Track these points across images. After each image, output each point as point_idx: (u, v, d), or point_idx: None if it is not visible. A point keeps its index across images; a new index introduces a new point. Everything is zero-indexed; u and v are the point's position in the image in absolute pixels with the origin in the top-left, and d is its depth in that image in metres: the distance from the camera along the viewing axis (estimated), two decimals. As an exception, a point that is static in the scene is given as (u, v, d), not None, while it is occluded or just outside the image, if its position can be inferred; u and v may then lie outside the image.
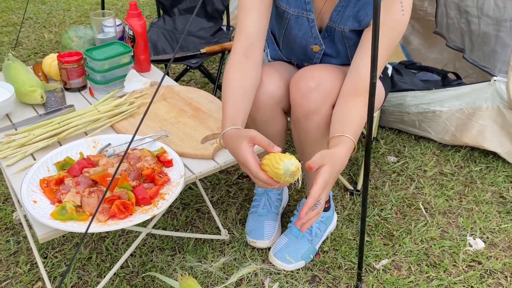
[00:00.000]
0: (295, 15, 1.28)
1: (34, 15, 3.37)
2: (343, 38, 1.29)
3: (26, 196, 0.97)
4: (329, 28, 1.29)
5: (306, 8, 1.27)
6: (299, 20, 1.29)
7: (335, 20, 1.25)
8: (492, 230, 1.60)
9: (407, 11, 1.17)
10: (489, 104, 1.84)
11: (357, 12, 1.22)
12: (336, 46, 1.32)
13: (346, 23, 1.24)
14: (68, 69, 1.42)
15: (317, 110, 1.24)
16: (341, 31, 1.27)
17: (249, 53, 1.23)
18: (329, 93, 1.24)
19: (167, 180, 1.06)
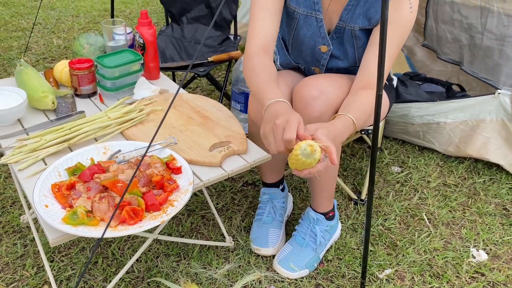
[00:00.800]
0: (304, 14, 1.32)
1: (43, 21, 3.42)
2: (352, 38, 1.32)
3: (38, 201, 0.99)
4: (338, 28, 1.31)
5: (315, 8, 1.30)
6: (307, 19, 1.33)
7: (345, 19, 1.29)
8: (495, 242, 1.61)
9: (414, 8, 1.21)
10: (493, 116, 1.86)
11: (367, 10, 1.25)
12: (345, 47, 1.35)
13: (357, 21, 1.27)
14: (79, 75, 1.45)
15: (320, 118, 1.26)
16: (351, 30, 1.29)
17: (266, 50, 1.29)
18: (332, 102, 1.26)
19: (176, 187, 1.08)
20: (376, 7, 1.24)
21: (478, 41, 1.87)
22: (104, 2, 3.87)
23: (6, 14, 3.49)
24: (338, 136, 1.10)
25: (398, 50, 1.25)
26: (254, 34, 1.29)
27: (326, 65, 1.40)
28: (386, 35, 0.99)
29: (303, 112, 1.27)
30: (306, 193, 1.82)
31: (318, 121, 1.26)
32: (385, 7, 0.92)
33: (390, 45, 1.21)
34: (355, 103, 1.21)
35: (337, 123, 1.12)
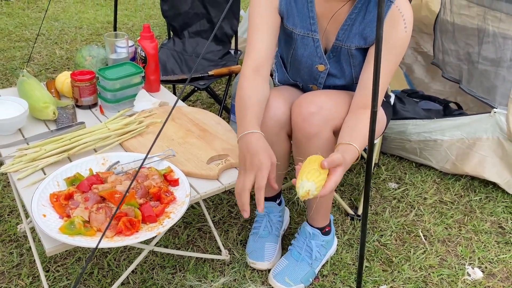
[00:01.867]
0: (301, 35, 1.34)
1: (47, 32, 3.46)
2: (348, 57, 1.34)
3: (36, 210, 1.00)
4: (335, 47, 1.34)
5: (311, 29, 1.33)
6: (304, 40, 1.35)
7: (341, 39, 1.31)
8: (491, 260, 1.61)
9: (409, 28, 1.23)
10: (489, 135, 1.88)
11: (363, 30, 1.27)
12: (342, 65, 1.37)
13: (353, 40, 1.30)
14: (80, 87, 1.47)
15: (318, 133, 1.28)
16: (347, 49, 1.32)
17: (259, 70, 1.30)
18: (330, 117, 1.28)
19: (173, 199, 1.09)
20: (372, 26, 1.26)
21: (475, 63, 1.91)
22: (107, 14, 3.92)
23: (10, 24, 3.54)
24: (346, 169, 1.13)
25: (394, 69, 1.27)
26: (249, 55, 1.32)
27: (323, 83, 1.42)
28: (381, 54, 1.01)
29: (301, 127, 1.29)
30: (303, 207, 1.83)
31: (315, 137, 1.28)
32: (380, 26, 0.94)
33: (386, 65, 1.24)
34: (357, 126, 1.22)
35: (347, 158, 1.12)
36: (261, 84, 1.29)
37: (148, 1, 4.39)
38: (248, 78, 1.28)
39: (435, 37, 2.05)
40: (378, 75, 0.98)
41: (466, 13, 1.94)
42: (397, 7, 1.21)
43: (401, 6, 1.21)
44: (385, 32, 1.22)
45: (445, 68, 2.00)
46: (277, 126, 1.36)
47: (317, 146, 1.30)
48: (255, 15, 1.31)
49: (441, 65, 2.02)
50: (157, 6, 4.23)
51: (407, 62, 2.52)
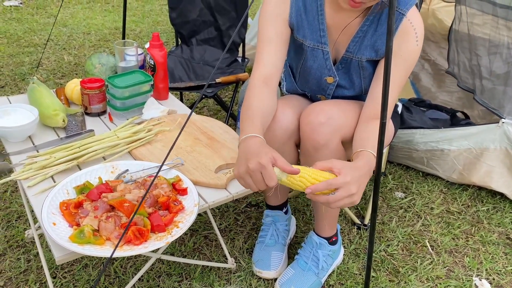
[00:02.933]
0: (311, 47, 1.34)
1: (55, 37, 3.49)
2: (359, 69, 1.34)
3: (46, 218, 1.01)
4: (344, 59, 1.34)
5: (321, 41, 1.33)
6: (314, 52, 1.35)
7: (352, 51, 1.31)
8: (499, 272, 1.60)
9: (420, 41, 1.24)
10: (497, 145, 1.87)
11: (375, 42, 1.28)
12: (352, 77, 1.37)
13: (364, 52, 1.30)
14: (90, 94, 1.48)
15: (326, 143, 1.28)
16: (358, 61, 1.32)
17: (268, 82, 1.29)
18: (339, 128, 1.28)
19: (181, 208, 1.10)
20: (383, 39, 1.27)
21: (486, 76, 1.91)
22: (115, 20, 3.95)
23: (19, 30, 3.57)
24: (363, 176, 1.07)
25: (404, 81, 1.27)
26: (257, 66, 1.30)
27: (332, 94, 1.42)
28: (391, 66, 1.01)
29: (310, 137, 1.29)
30: (309, 216, 1.83)
31: (324, 147, 1.28)
32: (390, 39, 0.95)
33: (396, 77, 1.24)
34: (369, 135, 1.21)
35: (359, 163, 1.09)
36: (269, 96, 1.28)
37: (155, 8, 4.42)
38: (256, 88, 1.28)
39: (450, 47, 2.05)
40: (388, 87, 0.98)
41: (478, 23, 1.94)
42: (408, 20, 1.21)
43: (413, 19, 1.22)
44: (396, 45, 1.22)
45: (460, 77, 2.00)
46: (285, 135, 1.36)
47: (325, 157, 1.30)
48: (265, 26, 1.31)
49: (456, 75, 2.03)
50: (164, 13, 4.26)
51: (414, 71, 2.52)
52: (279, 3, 1.30)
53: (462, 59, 2.03)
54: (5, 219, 1.71)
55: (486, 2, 1.88)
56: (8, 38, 3.40)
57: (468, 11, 1.95)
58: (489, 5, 1.88)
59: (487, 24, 1.92)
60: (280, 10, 1.30)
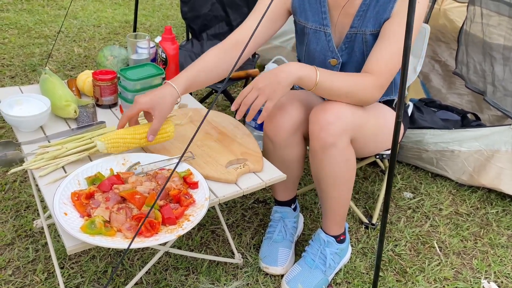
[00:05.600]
0: (313, 29, 1.38)
1: (66, 29, 3.50)
2: (362, 44, 1.35)
3: (57, 208, 1.01)
4: (348, 36, 1.35)
5: (323, 23, 1.35)
6: (317, 34, 1.38)
7: (357, 25, 1.33)
8: (507, 275, 1.59)
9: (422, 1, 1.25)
10: (508, 147, 1.85)
11: (377, 13, 1.30)
12: (356, 55, 1.38)
13: (368, 25, 1.32)
14: (101, 86, 1.48)
15: (335, 143, 1.27)
16: (362, 35, 1.33)
17: (238, 47, 1.34)
18: (348, 127, 1.27)
19: (192, 202, 1.09)
20: (385, 7, 1.28)
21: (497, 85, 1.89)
22: (125, 14, 3.95)
23: (30, 21, 3.58)
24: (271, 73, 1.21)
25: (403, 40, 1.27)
26: (237, 29, 1.38)
27: None
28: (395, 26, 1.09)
29: (319, 136, 1.28)
30: (317, 213, 1.82)
31: (332, 147, 1.28)
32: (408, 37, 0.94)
33: (400, 37, 1.25)
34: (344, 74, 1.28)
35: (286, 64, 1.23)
36: (229, 59, 1.33)
37: (166, 2, 4.42)
38: (221, 47, 1.34)
39: (459, 48, 2.03)
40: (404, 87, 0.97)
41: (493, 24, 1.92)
42: None
43: None
44: (400, 11, 1.25)
45: (469, 79, 1.98)
46: (292, 128, 1.37)
47: (334, 156, 1.29)
48: (262, 1, 1.39)
49: (465, 76, 2.01)
50: (174, 7, 4.26)
51: (424, 71, 2.50)
52: None
53: (472, 61, 2.01)
54: (14, 208, 1.72)
55: (503, 3, 1.86)
56: (19, 29, 3.41)
57: (483, 12, 1.93)
58: (506, 6, 1.86)
59: (502, 25, 1.90)
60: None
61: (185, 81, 1.25)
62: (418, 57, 1.70)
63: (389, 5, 1.28)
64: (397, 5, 1.27)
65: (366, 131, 1.35)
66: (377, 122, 1.38)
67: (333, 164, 1.31)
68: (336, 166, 1.32)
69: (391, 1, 1.28)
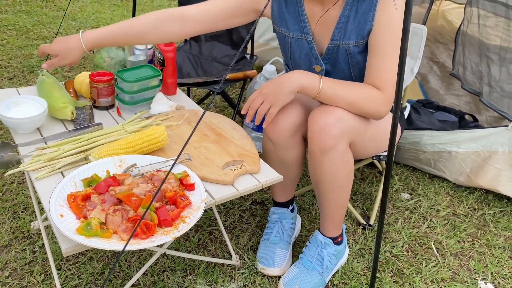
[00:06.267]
0: (295, 38, 1.38)
1: (64, 30, 3.50)
2: (347, 55, 1.34)
3: (53, 210, 1.01)
4: (330, 48, 1.35)
5: (304, 31, 1.36)
6: (299, 42, 1.38)
7: (338, 38, 1.32)
8: (504, 276, 1.59)
9: (399, 3, 1.24)
10: (505, 148, 1.85)
11: (358, 25, 1.29)
12: (340, 66, 1.38)
13: (350, 37, 1.31)
14: (98, 88, 1.48)
15: (334, 146, 1.27)
16: (346, 47, 1.32)
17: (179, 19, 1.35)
18: (347, 130, 1.27)
19: (188, 204, 1.09)
20: (366, 19, 1.28)
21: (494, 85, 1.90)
22: (124, 15, 3.96)
23: (29, 22, 3.58)
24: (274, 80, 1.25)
25: (398, 48, 1.26)
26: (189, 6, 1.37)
27: None
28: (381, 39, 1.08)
29: (318, 139, 1.28)
30: (315, 215, 1.82)
31: (331, 150, 1.28)
32: (405, 40, 0.94)
33: (388, 47, 1.25)
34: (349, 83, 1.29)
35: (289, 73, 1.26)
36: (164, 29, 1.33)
37: (164, 3, 4.42)
38: (161, 15, 1.33)
39: (456, 49, 2.04)
40: (401, 89, 0.98)
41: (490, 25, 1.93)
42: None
43: None
44: (382, 20, 1.25)
45: (466, 80, 1.99)
46: (292, 128, 1.37)
47: (332, 159, 1.29)
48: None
49: (461, 77, 2.01)
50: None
51: (422, 72, 2.51)
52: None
53: (469, 62, 2.01)
54: (11, 210, 1.72)
55: (500, 4, 1.86)
56: (17, 30, 3.41)
57: (480, 13, 1.94)
58: (503, 7, 1.86)
59: (499, 26, 1.90)
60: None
61: (99, 36, 1.32)
62: (415, 59, 1.71)
63: (369, 15, 1.26)
64: (378, 14, 1.25)
65: (366, 134, 1.35)
66: (376, 125, 1.38)
67: (332, 167, 1.31)
68: (335, 169, 1.32)
69: (370, 11, 1.26)
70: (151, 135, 1.25)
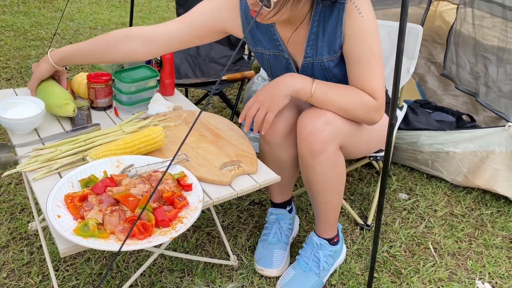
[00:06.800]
0: (272, 54, 1.38)
1: (62, 31, 3.50)
2: (322, 70, 1.34)
3: (51, 211, 1.01)
4: (305, 66, 1.35)
5: (279, 49, 1.36)
6: (277, 58, 1.39)
7: (311, 55, 1.32)
8: (501, 276, 1.60)
9: (364, 11, 1.22)
10: (502, 148, 1.86)
11: (328, 40, 1.28)
12: (318, 78, 1.36)
13: (322, 53, 1.30)
14: (96, 88, 1.48)
15: (324, 150, 1.27)
16: (320, 63, 1.32)
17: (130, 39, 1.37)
18: (337, 133, 1.27)
19: (186, 204, 1.09)
20: (334, 34, 1.25)
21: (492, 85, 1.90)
22: (122, 16, 3.96)
23: (26, 23, 3.58)
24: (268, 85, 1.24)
25: (376, 52, 1.25)
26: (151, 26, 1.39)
27: None
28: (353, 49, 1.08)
29: (307, 143, 1.28)
30: (312, 215, 1.82)
31: (321, 153, 1.28)
32: (402, 39, 0.94)
33: (363, 54, 1.24)
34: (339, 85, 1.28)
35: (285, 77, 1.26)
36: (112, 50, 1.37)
37: (162, 4, 4.42)
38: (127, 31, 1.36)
39: (448, 48, 2.04)
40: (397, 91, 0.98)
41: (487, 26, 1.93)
42: (350, 1, 1.21)
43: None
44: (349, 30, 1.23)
45: (460, 80, 1.99)
46: (286, 129, 1.37)
47: (322, 163, 1.29)
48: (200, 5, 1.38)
49: (454, 77, 2.02)
50: (171, 9, 4.27)
51: (420, 72, 2.51)
52: (227, 8, 1.35)
53: (463, 62, 2.01)
54: (8, 211, 1.72)
55: (496, 4, 1.87)
56: (15, 31, 3.41)
57: (476, 13, 1.94)
58: (499, 7, 1.87)
59: (496, 27, 1.91)
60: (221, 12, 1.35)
61: (64, 53, 1.40)
62: (411, 58, 1.71)
63: (337, 30, 1.24)
64: (346, 27, 1.23)
65: (357, 136, 1.35)
66: (368, 126, 1.38)
67: (322, 170, 1.31)
68: (326, 172, 1.32)
69: (337, 26, 1.24)
70: (149, 135, 1.25)
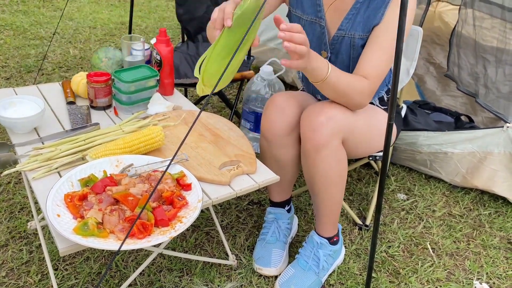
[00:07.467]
0: (309, 20, 1.40)
1: (61, 31, 3.50)
2: (350, 48, 1.36)
3: (50, 210, 1.01)
4: (335, 38, 1.37)
5: (318, 15, 1.38)
6: (312, 25, 1.40)
7: (345, 28, 1.34)
8: (499, 276, 1.60)
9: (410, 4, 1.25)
10: (501, 149, 1.87)
11: (367, 18, 1.31)
12: (342, 57, 1.40)
13: (357, 29, 1.33)
14: (96, 88, 1.48)
15: (327, 144, 1.28)
16: (351, 39, 1.35)
17: None
18: (340, 128, 1.28)
19: (185, 204, 1.10)
20: (375, 13, 1.30)
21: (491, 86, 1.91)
22: (121, 15, 3.96)
23: (26, 22, 3.58)
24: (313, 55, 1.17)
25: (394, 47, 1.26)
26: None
27: None
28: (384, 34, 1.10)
29: (310, 138, 1.29)
30: (311, 215, 1.83)
31: (324, 148, 1.29)
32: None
33: (390, 44, 1.27)
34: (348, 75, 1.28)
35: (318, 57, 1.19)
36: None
37: (162, 3, 4.42)
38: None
39: (451, 50, 2.05)
40: (396, 89, 0.98)
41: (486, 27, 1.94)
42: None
43: None
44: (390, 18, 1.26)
45: (461, 81, 2.00)
46: (288, 128, 1.38)
47: (326, 157, 1.30)
48: None
49: (456, 78, 2.02)
50: (170, 9, 4.26)
51: (419, 73, 2.52)
52: None
53: (464, 63, 2.02)
54: (8, 210, 1.72)
55: (495, 5, 1.88)
56: (14, 30, 3.41)
57: (476, 14, 1.95)
58: (498, 8, 1.87)
59: (495, 28, 1.91)
60: None
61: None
62: (411, 60, 1.72)
63: (380, 11, 1.29)
64: (388, 12, 1.28)
65: (358, 132, 1.36)
66: (368, 123, 1.39)
67: (325, 165, 1.32)
68: (328, 167, 1.33)
69: (381, 8, 1.29)
70: (148, 135, 1.26)
